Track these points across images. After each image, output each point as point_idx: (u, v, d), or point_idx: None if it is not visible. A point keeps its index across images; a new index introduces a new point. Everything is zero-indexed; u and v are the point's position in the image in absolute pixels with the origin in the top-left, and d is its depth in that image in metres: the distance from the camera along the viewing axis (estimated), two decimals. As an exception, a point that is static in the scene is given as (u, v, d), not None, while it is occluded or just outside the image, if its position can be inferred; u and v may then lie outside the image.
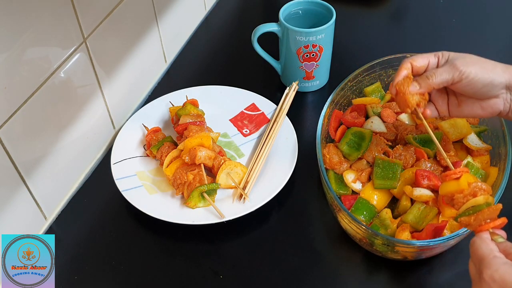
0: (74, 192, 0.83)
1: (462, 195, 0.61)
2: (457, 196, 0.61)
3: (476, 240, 0.56)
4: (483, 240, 0.55)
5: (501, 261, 0.52)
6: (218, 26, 1.17)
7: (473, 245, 0.56)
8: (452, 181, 0.62)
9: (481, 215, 0.58)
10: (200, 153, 0.78)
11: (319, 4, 0.95)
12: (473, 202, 0.59)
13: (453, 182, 0.62)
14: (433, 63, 0.69)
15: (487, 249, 0.54)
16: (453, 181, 0.62)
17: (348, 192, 0.77)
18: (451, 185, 0.62)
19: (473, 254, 0.55)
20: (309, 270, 0.73)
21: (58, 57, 0.73)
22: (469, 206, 0.60)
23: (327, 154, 0.78)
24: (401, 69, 0.70)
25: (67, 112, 0.78)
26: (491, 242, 0.55)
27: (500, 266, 0.51)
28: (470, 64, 0.66)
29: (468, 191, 0.60)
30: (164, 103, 0.93)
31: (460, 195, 0.61)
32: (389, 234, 0.71)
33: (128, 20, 0.88)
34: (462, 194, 0.61)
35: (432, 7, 1.17)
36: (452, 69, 0.66)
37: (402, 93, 0.68)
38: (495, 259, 0.52)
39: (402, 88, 0.68)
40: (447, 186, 0.62)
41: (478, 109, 0.70)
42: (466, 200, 0.60)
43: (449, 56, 0.68)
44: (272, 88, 0.99)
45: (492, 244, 0.55)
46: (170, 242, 0.77)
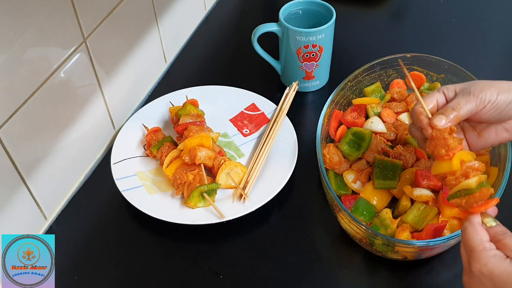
0: (74, 192, 0.83)
1: (454, 177, 0.59)
2: (449, 178, 0.59)
3: (467, 227, 0.55)
4: (474, 227, 0.55)
5: (490, 253, 0.52)
6: (218, 26, 1.17)
7: (464, 231, 0.56)
8: (444, 162, 0.60)
9: (472, 198, 0.57)
10: (200, 153, 0.78)
11: (319, 4, 0.95)
12: (465, 185, 0.58)
13: (445, 162, 0.60)
14: (442, 101, 0.64)
15: (477, 240, 0.54)
16: (446, 162, 0.60)
17: (348, 192, 0.77)
18: (443, 166, 0.60)
19: (464, 241, 0.55)
20: (309, 270, 0.73)
21: (58, 57, 0.73)
22: (460, 188, 0.58)
23: (327, 154, 0.78)
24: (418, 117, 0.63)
25: (67, 112, 0.78)
26: (481, 229, 0.55)
27: (489, 260, 0.51)
28: (486, 89, 0.62)
29: (460, 172, 0.59)
30: (164, 103, 0.93)
31: (452, 177, 0.59)
32: (389, 234, 0.71)
33: (128, 20, 0.88)
34: (454, 176, 0.59)
35: (432, 7, 1.17)
36: (472, 98, 0.62)
37: (442, 138, 0.60)
38: (484, 251, 0.52)
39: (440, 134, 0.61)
40: (439, 166, 0.61)
41: (503, 132, 0.66)
42: (458, 182, 0.58)
43: (455, 89, 0.64)
44: (272, 88, 0.99)
45: (482, 232, 0.54)
46: (170, 242, 0.77)
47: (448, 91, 0.64)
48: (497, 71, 1.02)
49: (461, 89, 0.63)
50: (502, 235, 0.54)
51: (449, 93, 0.64)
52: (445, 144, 0.60)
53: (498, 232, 0.54)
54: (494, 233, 0.55)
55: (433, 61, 0.87)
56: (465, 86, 0.63)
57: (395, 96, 0.88)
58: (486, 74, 0.89)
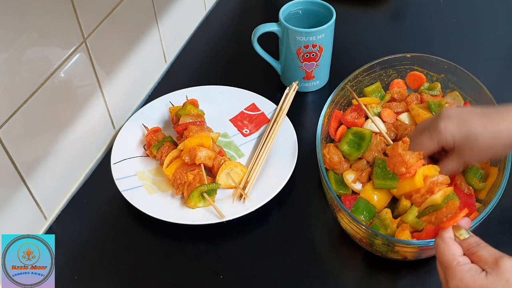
0: (74, 192, 0.83)
1: (419, 195, 0.59)
2: (415, 196, 0.59)
3: (439, 243, 0.55)
4: (445, 242, 0.54)
5: (465, 268, 0.51)
6: (218, 26, 1.17)
7: (437, 248, 0.55)
8: (406, 180, 0.59)
9: (440, 213, 0.57)
10: (200, 153, 0.78)
11: (319, 4, 0.95)
12: (430, 201, 0.57)
13: (408, 180, 0.59)
14: (439, 151, 0.68)
15: (450, 255, 0.53)
16: (408, 180, 0.59)
17: (348, 192, 0.77)
18: (406, 185, 0.60)
19: (439, 258, 0.54)
20: (309, 270, 0.73)
21: (58, 57, 0.73)
22: (427, 205, 0.58)
23: (327, 154, 0.78)
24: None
25: (67, 112, 0.78)
26: (453, 244, 0.54)
27: (464, 275, 0.51)
28: (481, 156, 0.66)
29: (425, 188, 0.58)
30: (164, 103, 0.93)
31: (417, 195, 0.59)
32: (389, 234, 0.71)
33: (128, 20, 0.88)
34: (419, 194, 0.59)
35: (432, 7, 1.17)
36: (464, 165, 0.68)
37: (398, 155, 0.60)
38: (459, 266, 0.52)
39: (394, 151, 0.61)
40: (403, 185, 0.60)
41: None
42: (423, 200, 0.58)
43: (455, 146, 0.66)
44: (272, 88, 0.99)
45: (455, 246, 0.54)
46: (170, 242, 0.77)
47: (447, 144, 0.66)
48: (497, 71, 1.02)
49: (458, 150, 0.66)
50: (475, 247, 0.53)
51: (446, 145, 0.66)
52: (402, 161, 0.59)
53: (472, 244, 0.54)
54: (468, 246, 0.54)
55: (433, 61, 0.87)
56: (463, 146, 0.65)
57: (395, 96, 0.88)
58: (486, 74, 0.89)
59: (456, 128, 0.64)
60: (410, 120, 0.84)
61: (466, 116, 0.65)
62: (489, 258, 0.51)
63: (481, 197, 0.74)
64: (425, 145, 0.66)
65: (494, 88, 0.81)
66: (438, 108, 0.83)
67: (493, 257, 0.51)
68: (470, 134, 0.64)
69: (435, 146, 0.66)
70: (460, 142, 0.65)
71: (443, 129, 0.65)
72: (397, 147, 0.60)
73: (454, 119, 0.65)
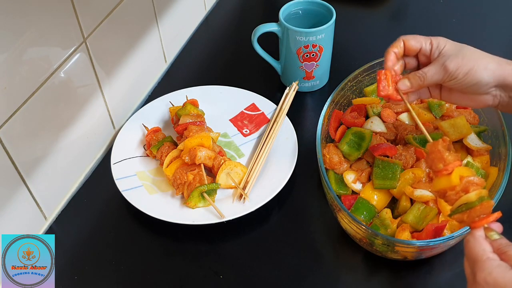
0: (74, 192, 0.83)
1: (454, 192, 0.59)
2: (449, 193, 0.59)
3: (470, 240, 0.55)
4: (476, 239, 0.55)
5: (494, 263, 0.51)
6: (218, 26, 1.17)
7: (467, 244, 0.55)
8: (443, 177, 0.60)
9: (473, 212, 0.57)
10: (200, 153, 0.78)
11: (319, 4, 0.95)
12: (465, 199, 0.58)
13: (445, 178, 0.60)
14: (426, 49, 0.70)
15: (480, 250, 0.53)
16: (445, 177, 0.60)
17: (348, 192, 0.77)
18: (442, 182, 0.60)
19: (467, 254, 0.55)
20: (309, 270, 0.73)
21: (58, 57, 0.73)
22: (461, 203, 0.58)
23: (327, 154, 0.78)
24: (393, 46, 0.71)
25: (67, 112, 0.78)
26: (484, 241, 0.54)
27: (493, 269, 0.51)
28: (462, 66, 0.66)
29: (460, 187, 0.59)
30: (164, 103, 0.93)
31: (452, 192, 0.59)
32: (389, 234, 0.71)
33: (128, 20, 0.88)
34: (454, 191, 0.59)
35: (432, 7, 1.17)
36: (442, 71, 0.67)
37: (437, 152, 0.61)
38: (488, 261, 0.52)
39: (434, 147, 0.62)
40: (439, 182, 0.61)
41: (467, 100, 0.71)
42: (458, 197, 0.58)
43: (443, 49, 0.69)
44: (272, 88, 0.99)
45: (486, 244, 0.54)
46: (170, 242, 0.77)
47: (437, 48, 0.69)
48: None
49: (444, 54, 0.68)
50: (506, 247, 0.53)
51: (435, 50, 0.69)
52: (441, 158, 0.60)
53: (503, 245, 0.54)
54: (498, 246, 0.54)
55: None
56: (449, 54, 0.68)
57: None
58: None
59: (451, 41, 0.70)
60: (410, 120, 0.84)
61: None
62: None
63: (481, 197, 0.74)
64: (419, 38, 0.71)
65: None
66: (438, 108, 0.83)
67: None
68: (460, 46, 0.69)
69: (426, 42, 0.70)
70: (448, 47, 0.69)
71: (441, 37, 0.71)
72: (438, 144, 0.61)
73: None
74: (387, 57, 0.71)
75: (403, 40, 0.71)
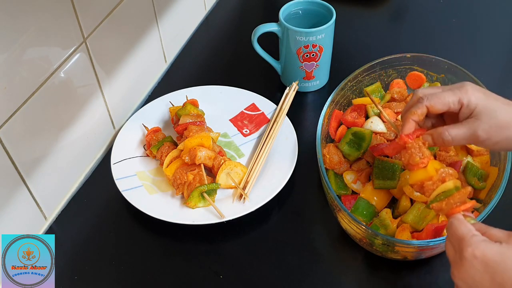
0: (74, 192, 0.83)
1: (432, 182, 0.62)
2: (427, 183, 0.62)
3: (453, 221, 0.57)
4: (460, 220, 0.56)
5: (480, 238, 0.53)
6: (218, 26, 1.17)
7: (450, 226, 0.57)
8: (420, 170, 0.63)
9: (452, 199, 0.59)
10: (200, 153, 0.78)
11: (319, 4, 0.95)
12: (443, 188, 0.60)
13: (421, 170, 0.63)
14: (455, 108, 0.63)
15: (466, 229, 0.55)
16: (421, 170, 0.63)
17: (348, 192, 0.77)
18: (419, 174, 0.63)
19: (452, 235, 0.56)
20: (309, 270, 0.73)
21: (58, 57, 0.73)
22: (439, 192, 0.61)
23: (327, 154, 0.78)
24: (413, 113, 0.64)
25: (67, 112, 0.78)
26: (467, 222, 0.56)
27: (480, 243, 0.52)
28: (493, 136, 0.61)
29: (437, 177, 0.61)
30: (164, 103, 0.93)
31: (429, 182, 0.62)
32: (389, 234, 0.71)
33: (128, 20, 0.88)
34: (431, 181, 0.62)
35: (432, 8, 1.17)
36: (472, 138, 0.62)
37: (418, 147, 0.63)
38: (474, 237, 0.53)
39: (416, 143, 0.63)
40: (416, 175, 0.63)
41: None
42: (436, 187, 0.61)
43: (474, 110, 0.62)
44: (272, 88, 0.99)
45: (469, 224, 0.56)
46: (170, 242, 0.77)
47: (467, 108, 0.62)
48: (497, 71, 1.02)
49: (475, 118, 0.62)
50: (485, 228, 0.55)
51: (465, 109, 0.62)
52: (419, 151, 0.63)
53: (482, 227, 0.56)
54: (479, 228, 0.56)
55: (433, 61, 0.87)
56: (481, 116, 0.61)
57: (395, 96, 0.88)
58: (486, 74, 0.89)
59: (481, 94, 0.62)
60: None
61: (490, 93, 0.64)
62: (501, 234, 0.54)
63: (481, 197, 0.74)
64: (445, 97, 0.63)
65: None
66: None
67: (505, 233, 0.54)
68: (493, 106, 0.62)
69: (455, 101, 0.62)
70: (481, 109, 0.62)
71: (470, 90, 0.62)
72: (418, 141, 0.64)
73: (480, 89, 0.63)
74: (405, 125, 0.64)
75: (427, 106, 0.63)
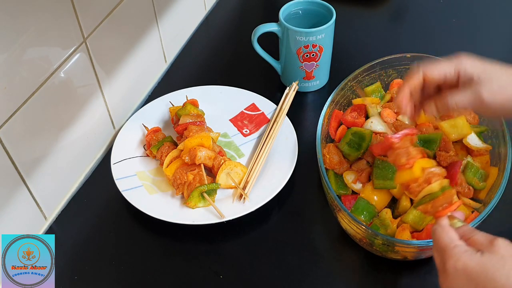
0: (74, 192, 0.83)
1: (417, 184, 0.61)
2: (412, 185, 0.61)
3: (436, 229, 0.56)
4: (443, 228, 0.56)
5: (462, 249, 0.53)
6: (218, 26, 1.17)
7: (434, 234, 0.56)
8: (405, 170, 0.62)
9: (437, 201, 0.59)
10: (200, 153, 0.78)
11: (319, 4, 0.95)
12: (428, 190, 0.60)
13: (407, 171, 0.62)
14: (451, 78, 0.62)
15: (448, 239, 0.54)
16: (407, 170, 0.62)
17: (348, 192, 0.77)
18: (405, 175, 0.62)
19: (435, 243, 0.56)
20: (309, 270, 0.73)
21: (58, 57, 0.73)
22: (425, 194, 0.60)
23: (327, 154, 0.78)
24: (409, 81, 0.63)
25: (67, 112, 0.78)
26: (450, 230, 0.56)
27: (462, 255, 0.52)
28: (498, 93, 0.59)
29: (422, 178, 0.61)
30: (164, 103, 0.93)
31: (415, 184, 0.61)
32: (389, 234, 0.71)
33: (128, 20, 0.88)
34: (417, 183, 0.61)
35: (432, 7, 1.17)
36: (476, 101, 0.60)
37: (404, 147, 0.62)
38: (456, 248, 0.53)
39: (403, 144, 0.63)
40: (401, 176, 0.63)
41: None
42: (421, 188, 0.60)
43: (473, 77, 0.61)
44: (272, 88, 0.99)
45: (452, 232, 0.55)
46: (170, 242, 0.77)
47: (465, 75, 0.61)
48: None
49: (476, 81, 0.60)
50: (470, 233, 0.55)
51: (464, 76, 0.61)
52: (406, 152, 0.62)
53: (467, 231, 0.55)
54: (463, 232, 0.55)
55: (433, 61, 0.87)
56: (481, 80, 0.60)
57: (395, 96, 0.88)
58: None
59: (477, 62, 0.61)
60: (410, 120, 0.84)
61: (486, 60, 0.62)
62: (484, 240, 0.53)
63: (481, 197, 0.74)
64: (441, 66, 0.62)
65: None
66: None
67: (488, 239, 0.53)
68: (491, 70, 0.61)
69: (451, 70, 0.61)
70: (480, 74, 0.60)
71: (465, 58, 0.61)
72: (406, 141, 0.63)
73: (476, 57, 0.62)
74: (400, 92, 0.63)
75: (424, 73, 0.62)
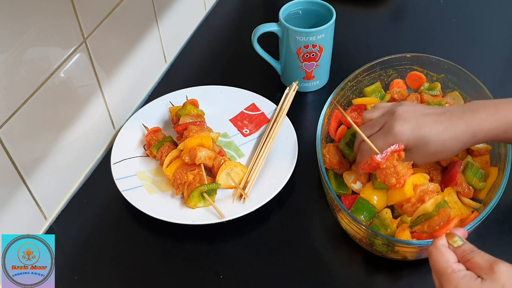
0: (74, 192, 0.83)
1: (410, 204, 0.59)
2: (405, 206, 0.59)
3: (432, 251, 0.54)
4: (439, 250, 0.54)
5: (460, 274, 0.51)
6: (218, 26, 1.17)
7: (430, 256, 0.54)
8: (397, 190, 0.60)
9: (432, 221, 0.56)
10: (200, 153, 0.78)
11: (319, 4, 0.95)
12: (422, 210, 0.57)
13: (398, 191, 0.60)
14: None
15: (444, 262, 0.52)
16: (398, 190, 0.60)
17: (348, 192, 0.77)
18: (396, 195, 0.60)
19: (433, 266, 0.54)
20: (309, 270, 0.73)
21: (58, 57, 0.73)
22: (419, 214, 0.58)
23: (327, 154, 0.78)
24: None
25: (67, 112, 0.78)
26: (447, 251, 0.54)
27: (459, 281, 0.50)
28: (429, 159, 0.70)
29: (415, 198, 0.58)
30: (164, 103, 0.93)
31: (408, 204, 0.59)
32: (389, 234, 0.71)
33: (128, 20, 0.88)
34: (410, 203, 0.59)
35: (432, 7, 1.17)
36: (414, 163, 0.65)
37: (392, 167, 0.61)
38: (454, 273, 0.51)
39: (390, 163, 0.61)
40: (393, 196, 0.61)
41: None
42: (415, 209, 0.58)
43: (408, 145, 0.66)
44: (272, 88, 0.99)
45: (449, 254, 0.53)
46: (170, 242, 0.77)
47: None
48: (497, 71, 1.02)
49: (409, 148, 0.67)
50: (470, 253, 0.53)
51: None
52: (395, 172, 0.60)
53: (466, 251, 0.53)
54: (462, 253, 0.53)
55: (433, 61, 0.87)
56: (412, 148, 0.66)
57: (395, 96, 0.88)
58: (486, 74, 0.89)
59: (410, 131, 0.66)
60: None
61: (420, 119, 0.67)
62: (484, 264, 0.51)
63: (481, 197, 0.74)
64: (378, 145, 0.66)
65: (494, 88, 0.81)
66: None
67: (488, 263, 0.51)
68: (423, 139, 0.66)
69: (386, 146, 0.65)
70: (411, 145, 0.66)
71: (398, 132, 0.66)
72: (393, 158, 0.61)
73: (409, 122, 0.66)
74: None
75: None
